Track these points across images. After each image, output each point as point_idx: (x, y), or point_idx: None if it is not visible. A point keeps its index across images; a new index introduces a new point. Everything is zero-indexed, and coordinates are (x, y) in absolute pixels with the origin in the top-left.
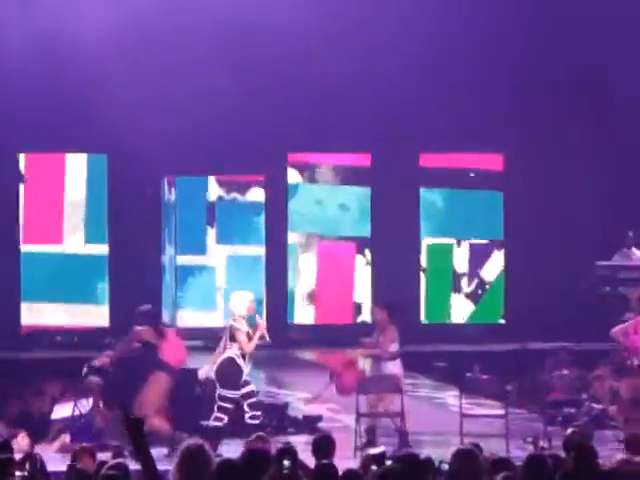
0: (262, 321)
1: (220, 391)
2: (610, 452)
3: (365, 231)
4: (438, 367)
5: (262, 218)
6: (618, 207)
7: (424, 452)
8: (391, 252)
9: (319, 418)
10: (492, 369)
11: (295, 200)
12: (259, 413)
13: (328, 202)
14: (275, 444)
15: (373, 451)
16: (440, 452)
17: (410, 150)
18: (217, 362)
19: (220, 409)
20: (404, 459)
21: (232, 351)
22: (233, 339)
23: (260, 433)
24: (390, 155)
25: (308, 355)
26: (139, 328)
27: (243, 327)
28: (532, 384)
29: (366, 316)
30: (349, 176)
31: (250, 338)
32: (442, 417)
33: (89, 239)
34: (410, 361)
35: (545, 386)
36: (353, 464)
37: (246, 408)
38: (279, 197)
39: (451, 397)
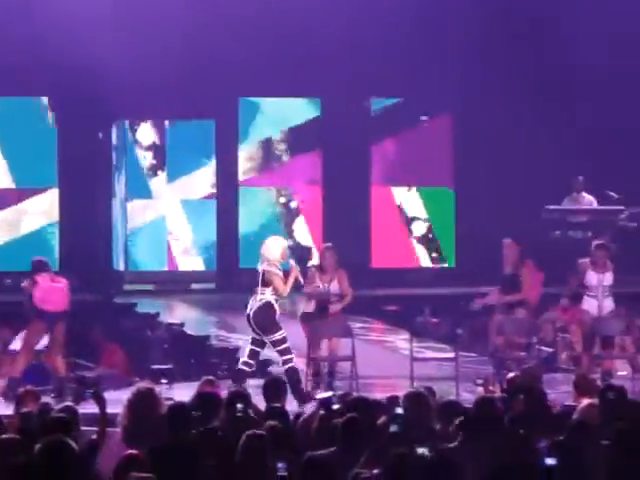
0: (295, 265)
1: (261, 337)
2: (559, 395)
3: (316, 174)
4: (388, 311)
5: (213, 160)
6: (568, 151)
7: (375, 396)
8: (342, 197)
9: (270, 362)
10: (443, 313)
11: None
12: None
13: (277, 143)
14: (226, 388)
15: (320, 395)
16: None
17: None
18: (254, 307)
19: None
20: (351, 403)
21: (266, 296)
22: (265, 284)
23: (209, 377)
24: (340, 101)
25: None
26: (23, 283)
27: (278, 271)
28: (482, 328)
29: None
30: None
31: (284, 282)
32: (392, 361)
33: (21, 183)
34: (360, 305)
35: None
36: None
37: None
38: (230, 139)
39: (401, 341)
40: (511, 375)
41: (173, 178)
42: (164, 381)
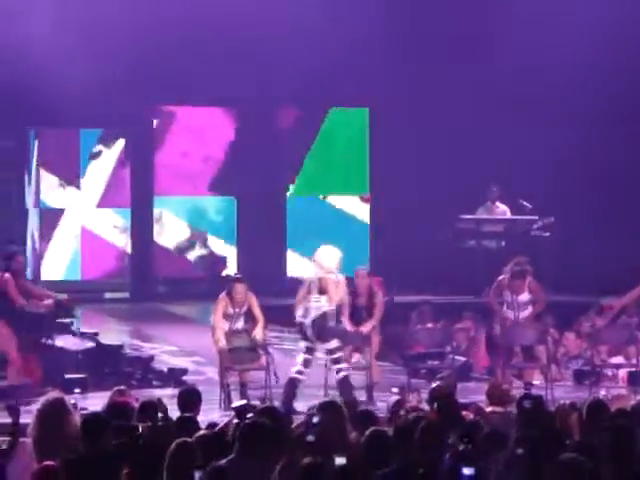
0: (343, 277)
1: (320, 345)
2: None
3: (233, 185)
4: None
5: (128, 169)
6: (482, 161)
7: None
8: (257, 206)
9: (184, 371)
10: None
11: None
12: (344, 366)
13: (193, 154)
14: (140, 397)
15: (235, 404)
16: (306, 405)
17: (273, 106)
18: (311, 316)
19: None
20: (265, 412)
21: (322, 303)
22: (323, 292)
23: (120, 387)
24: (254, 110)
25: (172, 308)
26: None
27: (336, 280)
28: (397, 337)
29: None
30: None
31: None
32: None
33: None
34: (275, 314)
35: (409, 339)
36: (217, 417)
37: (329, 363)
38: (144, 149)
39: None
40: (433, 386)
41: (87, 187)
42: (78, 391)
